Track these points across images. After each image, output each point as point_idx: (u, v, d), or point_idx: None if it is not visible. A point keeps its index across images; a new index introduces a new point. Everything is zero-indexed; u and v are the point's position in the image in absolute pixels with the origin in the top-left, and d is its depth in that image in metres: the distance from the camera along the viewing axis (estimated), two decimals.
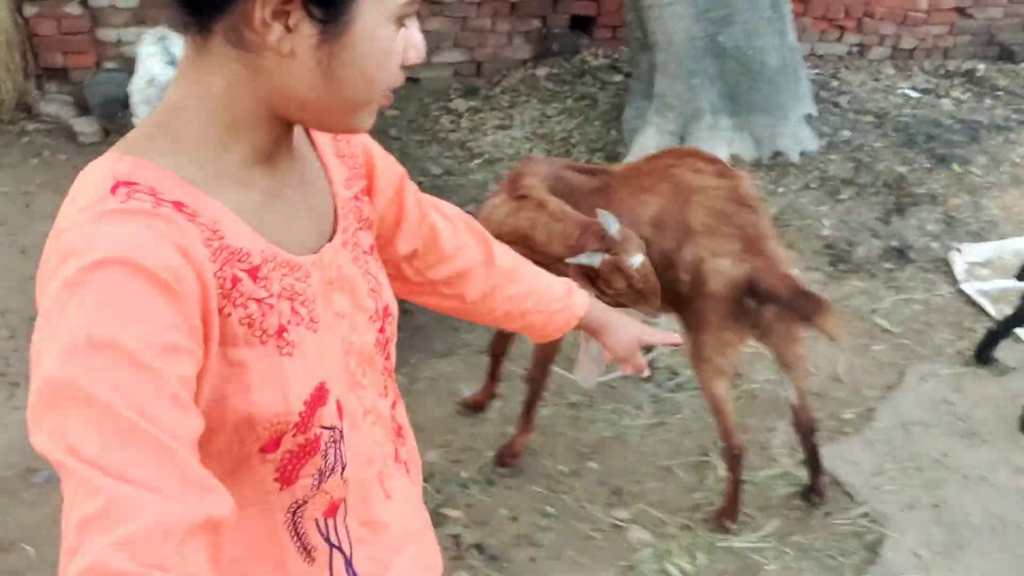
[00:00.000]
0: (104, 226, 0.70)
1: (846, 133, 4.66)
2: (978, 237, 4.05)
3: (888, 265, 3.88)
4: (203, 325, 0.74)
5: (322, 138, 0.97)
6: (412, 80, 5.47)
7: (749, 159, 4.42)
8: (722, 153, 4.34)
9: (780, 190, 4.31)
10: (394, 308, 1.01)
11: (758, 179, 4.34)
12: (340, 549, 0.92)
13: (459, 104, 5.27)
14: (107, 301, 0.67)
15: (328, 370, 0.88)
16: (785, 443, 2.88)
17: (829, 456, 2.84)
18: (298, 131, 0.91)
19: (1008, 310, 3.57)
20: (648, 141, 4.36)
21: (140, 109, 3.34)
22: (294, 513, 0.88)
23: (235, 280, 0.78)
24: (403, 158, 4.82)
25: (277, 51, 0.76)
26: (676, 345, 1.37)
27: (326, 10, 0.75)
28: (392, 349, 1.02)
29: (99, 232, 0.70)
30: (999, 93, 5.49)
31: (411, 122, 5.15)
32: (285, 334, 0.83)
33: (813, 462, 2.63)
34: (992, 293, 3.68)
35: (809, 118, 4.66)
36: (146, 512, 0.62)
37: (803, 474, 2.71)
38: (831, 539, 2.55)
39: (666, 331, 1.37)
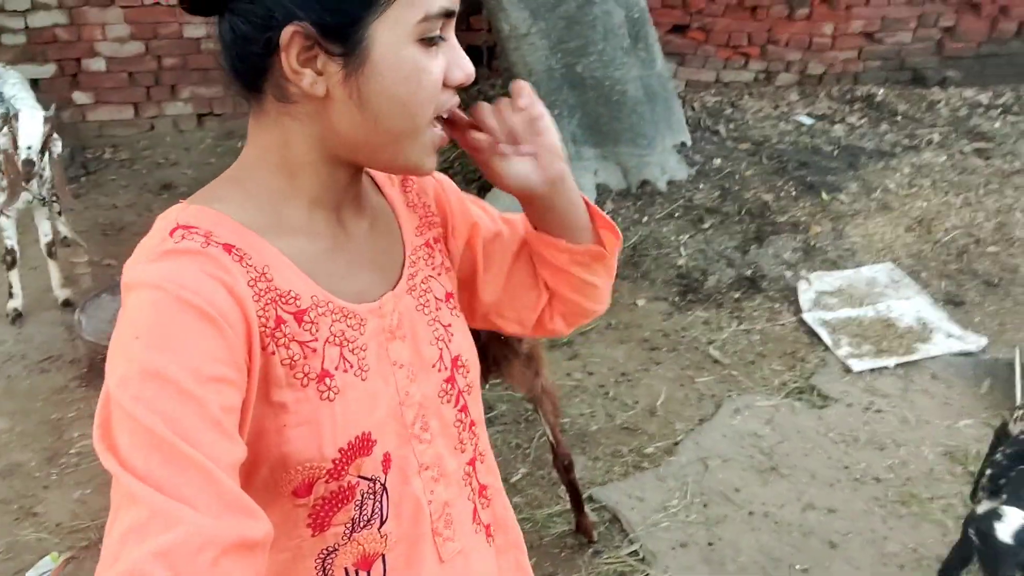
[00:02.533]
0: (157, 264, 0.77)
1: (718, 161, 4.63)
2: (835, 266, 4.00)
3: (736, 295, 3.84)
4: (247, 358, 0.77)
5: (391, 190, 0.99)
6: None
7: (616, 188, 4.40)
8: (588, 183, 4.33)
9: (644, 219, 4.28)
10: (469, 359, 0.99)
11: (625, 208, 4.33)
12: None
13: None
14: (156, 333, 0.72)
15: (377, 420, 0.87)
16: (579, 479, 2.84)
17: (616, 492, 2.80)
18: (368, 186, 0.95)
19: (847, 340, 3.54)
20: None
21: None
22: (324, 559, 0.88)
23: (279, 321, 0.81)
24: None
25: (313, 95, 0.80)
26: None
27: (342, 44, 0.78)
28: (471, 402, 0.99)
29: (153, 269, 0.76)
30: (897, 118, 5.45)
31: None
32: (328, 379, 0.84)
33: (575, 500, 2.59)
34: (833, 323, 3.63)
35: (682, 147, 4.64)
36: (184, 524, 0.64)
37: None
38: None
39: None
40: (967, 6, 6.08)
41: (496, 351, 2.26)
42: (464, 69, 0.83)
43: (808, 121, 5.34)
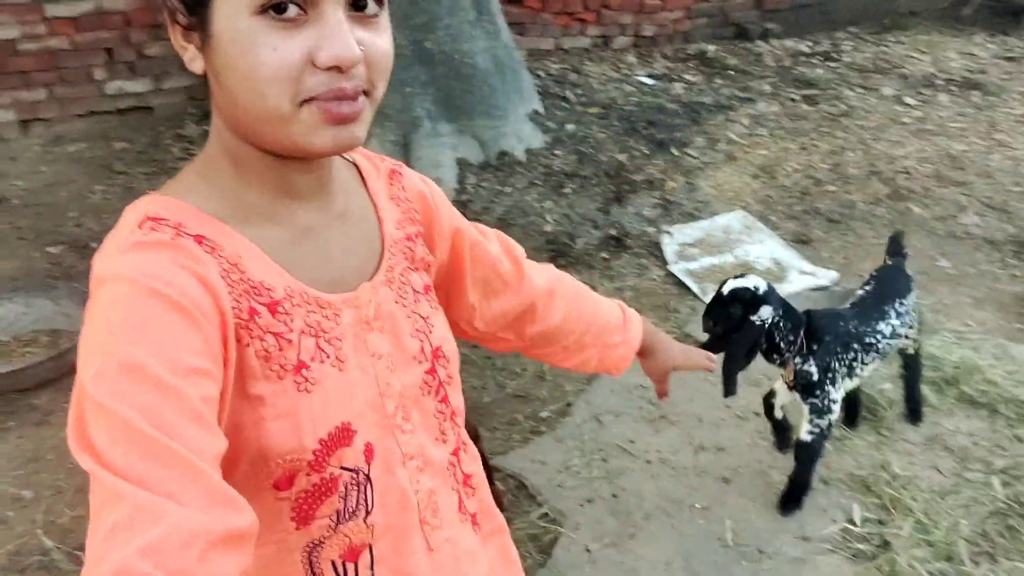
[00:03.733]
0: (128, 256, 0.75)
1: (571, 127, 4.73)
2: (692, 218, 4.18)
3: (605, 254, 3.95)
4: (223, 348, 0.76)
5: (375, 181, 0.98)
6: (145, 108, 5.24)
7: (476, 162, 4.43)
8: (447, 159, 4.33)
9: (507, 189, 4.33)
10: (449, 350, 0.99)
11: (487, 181, 4.36)
12: None
13: (192, 130, 5.08)
14: (131, 326, 0.70)
15: (356, 411, 0.86)
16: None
17: (518, 459, 2.85)
18: (348, 172, 0.95)
19: (713, 287, 3.70)
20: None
21: None
22: (310, 552, 0.87)
23: (252, 312, 0.80)
24: (127, 193, 4.63)
25: (193, 71, 0.79)
26: (708, 369, 1.42)
27: (196, 17, 0.76)
28: (451, 392, 0.99)
29: (124, 261, 0.74)
30: (730, 72, 5.72)
31: (140, 153, 4.93)
32: (304, 370, 0.82)
33: (484, 470, 2.62)
34: (698, 272, 3.80)
35: (535, 115, 4.71)
36: (170, 518, 0.62)
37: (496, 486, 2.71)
38: None
39: (700, 354, 1.42)
40: None
41: None
42: (330, 50, 0.75)
43: (649, 82, 5.53)
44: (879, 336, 2.61)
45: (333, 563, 0.88)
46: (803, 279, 3.75)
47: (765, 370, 3.23)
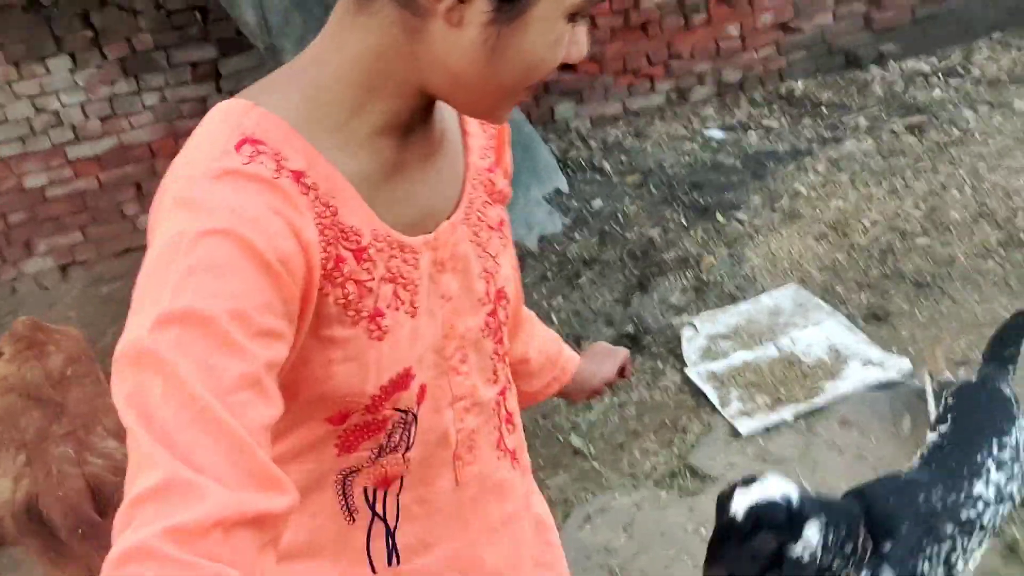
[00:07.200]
0: (224, 187, 0.70)
1: (598, 203, 4.01)
2: (732, 300, 3.31)
3: None
4: (301, 306, 0.73)
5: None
6: None
7: None
8: None
9: None
10: (510, 291, 0.98)
11: None
12: (384, 520, 0.91)
13: None
14: (211, 275, 0.66)
15: (419, 354, 0.86)
16: None
17: None
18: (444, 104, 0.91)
19: (737, 394, 2.83)
20: None
21: None
22: (345, 477, 0.88)
23: (339, 260, 0.78)
24: None
25: (447, 20, 0.74)
26: (625, 377, 1.36)
27: None
28: (505, 334, 0.99)
29: (217, 193, 0.70)
30: (821, 109, 4.77)
31: None
32: (379, 318, 0.82)
33: None
34: (722, 375, 2.94)
35: (556, 195, 4.04)
36: (203, 500, 0.60)
37: None
38: None
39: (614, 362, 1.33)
40: None
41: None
42: (582, 49, 0.79)
43: (719, 135, 4.70)
44: (980, 504, 1.69)
45: (364, 489, 0.89)
46: (865, 372, 2.80)
47: None
